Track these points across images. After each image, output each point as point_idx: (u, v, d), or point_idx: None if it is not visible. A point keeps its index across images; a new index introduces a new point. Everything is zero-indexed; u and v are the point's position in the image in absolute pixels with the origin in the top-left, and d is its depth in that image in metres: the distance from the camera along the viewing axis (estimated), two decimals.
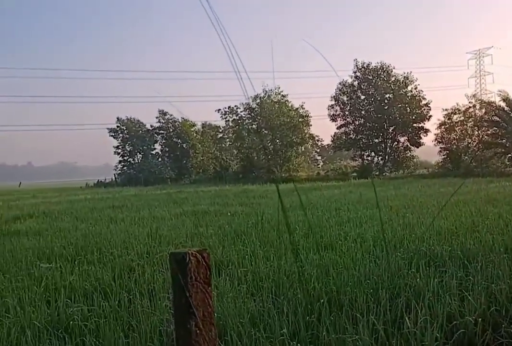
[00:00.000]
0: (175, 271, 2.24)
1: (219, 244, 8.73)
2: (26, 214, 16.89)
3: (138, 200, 22.64)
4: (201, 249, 2.30)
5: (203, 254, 2.28)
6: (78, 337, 4.44)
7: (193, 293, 2.21)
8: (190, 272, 2.21)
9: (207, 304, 2.24)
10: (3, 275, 6.99)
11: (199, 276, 2.24)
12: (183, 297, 2.20)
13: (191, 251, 2.25)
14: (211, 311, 2.25)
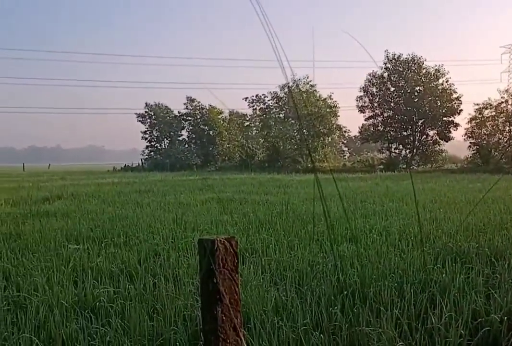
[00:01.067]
0: (203, 258, 2.26)
1: (244, 232, 8.77)
2: (55, 196, 17.20)
3: (164, 186, 22.84)
4: (230, 236, 2.31)
5: (231, 242, 2.30)
6: (104, 318, 4.53)
7: (221, 280, 2.23)
8: (218, 259, 2.23)
9: (233, 291, 2.26)
10: (32, 254, 7.15)
11: (226, 264, 2.26)
12: (211, 283, 2.22)
13: (220, 238, 2.27)
14: (238, 299, 2.27)
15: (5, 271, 6.17)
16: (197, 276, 5.80)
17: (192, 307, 4.66)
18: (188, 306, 4.70)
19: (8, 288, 5.48)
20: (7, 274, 6.10)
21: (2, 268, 6.29)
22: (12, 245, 7.92)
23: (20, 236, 8.76)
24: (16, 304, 4.90)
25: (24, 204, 14.78)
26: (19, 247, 7.77)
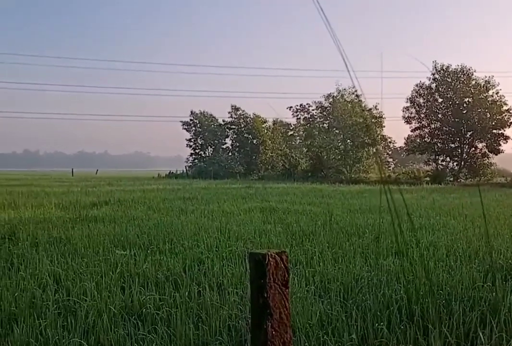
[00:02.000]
0: (254, 271, 2.28)
1: (287, 243, 8.76)
2: (102, 201, 17.60)
3: (208, 193, 23.05)
4: (280, 251, 2.33)
5: (282, 256, 2.31)
6: (151, 325, 4.60)
7: (271, 294, 2.24)
8: (268, 273, 2.25)
9: (284, 306, 2.27)
10: (81, 258, 7.34)
11: (277, 278, 2.27)
12: (261, 297, 2.23)
13: (271, 252, 2.29)
14: (288, 314, 2.28)
15: (55, 275, 6.35)
16: (241, 286, 5.83)
17: (237, 318, 4.68)
18: (233, 316, 4.72)
19: (59, 292, 5.64)
20: (58, 277, 6.28)
21: (53, 271, 6.48)
22: (62, 249, 8.15)
23: (70, 240, 9.00)
24: (66, 308, 5.04)
25: (73, 209, 15.19)
26: (69, 251, 7.99)
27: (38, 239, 9.09)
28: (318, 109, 53.52)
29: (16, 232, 9.84)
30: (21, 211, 14.43)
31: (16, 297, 5.27)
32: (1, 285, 5.81)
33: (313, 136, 52.42)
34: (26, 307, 4.93)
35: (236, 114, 61.48)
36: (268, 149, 59.40)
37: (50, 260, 7.20)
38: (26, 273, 6.39)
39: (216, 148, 62.25)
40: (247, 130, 60.59)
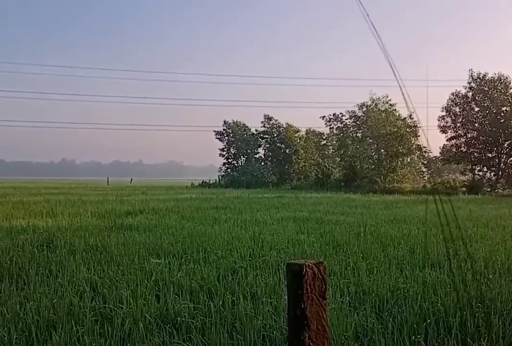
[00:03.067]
0: (291, 282, 2.28)
1: (321, 253, 8.70)
2: (137, 210, 17.84)
3: (241, 203, 23.11)
4: (318, 261, 2.32)
5: (320, 267, 2.30)
6: (185, 333, 4.63)
7: (308, 305, 2.23)
8: (306, 284, 2.24)
9: (321, 317, 2.25)
10: (117, 266, 7.44)
11: (314, 289, 2.26)
12: (298, 308, 2.22)
13: (308, 263, 2.28)
14: (325, 325, 2.26)
15: (92, 282, 6.46)
16: (275, 296, 5.82)
17: (271, 328, 4.67)
18: (267, 327, 4.71)
19: (95, 299, 5.73)
20: (94, 285, 6.38)
21: (89, 279, 6.59)
22: (99, 257, 8.28)
23: (106, 248, 9.14)
24: (102, 315, 5.11)
25: (108, 217, 15.43)
26: (105, 259, 8.11)
27: (75, 247, 9.26)
28: (352, 118, 53.16)
29: (54, 239, 10.04)
30: (59, 219, 14.74)
31: (55, 304, 5.38)
32: (40, 292, 5.94)
33: (346, 145, 52.11)
34: (64, 314, 5.02)
35: (269, 123, 61.66)
36: (301, 159, 59.28)
37: (87, 268, 7.32)
38: (64, 280, 6.52)
39: (249, 158, 62.45)
40: (279, 140, 60.64)
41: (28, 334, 4.55)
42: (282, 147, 60.68)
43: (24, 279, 6.74)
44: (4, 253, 8.46)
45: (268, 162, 62.01)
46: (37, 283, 6.43)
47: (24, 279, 6.74)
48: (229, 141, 62.83)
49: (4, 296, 5.76)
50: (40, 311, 5.14)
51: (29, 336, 4.52)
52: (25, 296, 5.84)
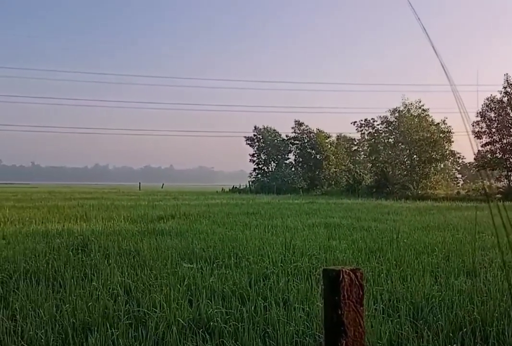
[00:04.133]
0: (328, 288, 2.27)
1: (353, 260, 8.63)
2: (168, 215, 18.01)
3: (271, 208, 23.10)
4: (355, 268, 2.30)
5: (357, 273, 2.28)
6: (218, 338, 4.64)
7: (345, 311, 2.21)
8: (343, 290, 2.22)
9: (358, 324, 2.23)
10: (150, 271, 7.51)
11: (351, 295, 2.24)
12: (335, 314, 2.21)
13: (345, 269, 2.26)
14: (362, 332, 2.24)
15: (126, 286, 6.54)
16: (307, 302, 5.79)
17: (304, 334, 4.64)
18: (300, 333, 4.68)
19: (129, 302, 5.80)
20: (128, 288, 6.45)
21: (123, 283, 6.67)
22: (132, 261, 8.37)
23: (139, 252, 9.25)
24: (136, 319, 5.17)
25: (141, 222, 15.62)
26: (138, 263, 8.20)
27: (109, 251, 9.39)
28: (383, 124, 52.75)
29: (89, 243, 10.21)
30: (93, 223, 14.99)
31: (90, 306, 5.46)
32: (76, 294, 6.04)
33: (378, 151, 51.70)
34: (99, 317, 5.09)
35: (299, 129, 61.65)
36: (332, 165, 59.03)
37: (121, 272, 7.42)
38: (99, 284, 6.61)
39: (279, 163, 62.49)
40: (310, 145, 60.54)
41: (64, 336, 4.62)
42: (313, 152, 60.55)
43: (60, 282, 6.86)
44: (40, 256, 8.64)
45: (298, 168, 61.94)
46: (73, 286, 6.54)
47: (60, 282, 6.86)
48: (260, 146, 63.01)
49: (41, 298, 5.88)
50: (76, 314, 5.23)
51: (65, 338, 4.60)
52: (61, 298, 5.94)
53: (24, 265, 7.75)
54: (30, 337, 4.57)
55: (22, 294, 6.06)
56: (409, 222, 16.12)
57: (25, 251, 9.15)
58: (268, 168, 63.45)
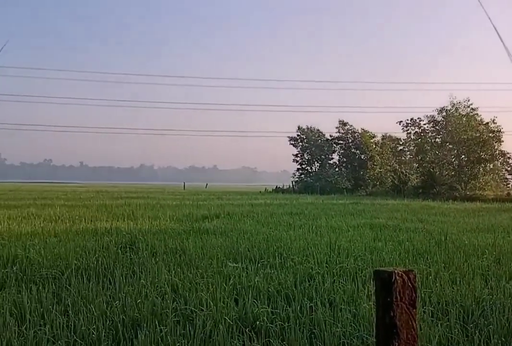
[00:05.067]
0: (380, 290, 2.24)
1: (400, 261, 8.49)
2: (213, 214, 18.17)
3: (315, 209, 22.98)
4: (408, 270, 2.27)
5: (410, 275, 2.25)
6: (264, 337, 4.66)
7: (398, 313, 2.18)
8: (395, 292, 2.20)
9: (411, 327, 2.20)
10: (196, 269, 7.60)
11: (404, 297, 2.21)
12: (387, 316, 2.18)
13: (398, 271, 2.23)
14: (415, 335, 2.21)
15: (173, 284, 6.63)
16: (353, 304, 5.74)
17: (351, 336, 4.61)
18: (347, 334, 4.65)
19: (177, 300, 5.88)
20: (175, 287, 6.55)
21: (170, 281, 6.77)
22: (178, 260, 8.49)
23: (185, 251, 9.37)
24: (184, 317, 5.24)
25: (186, 221, 15.82)
26: (184, 262, 8.32)
27: (155, 249, 9.56)
28: (430, 123, 51.61)
29: (136, 242, 10.42)
30: (139, 222, 15.27)
31: (139, 303, 5.57)
32: (125, 291, 6.17)
33: (424, 151, 50.62)
34: (148, 314, 5.19)
35: (343, 129, 61.04)
36: (377, 165, 58.17)
37: (168, 270, 7.53)
38: (146, 281, 6.74)
39: (323, 163, 62.04)
40: (354, 145, 59.85)
41: (115, 332, 4.74)
42: (357, 152, 59.84)
43: (109, 278, 7.03)
44: (90, 253, 8.87)
45: (342, 168, 61.31)
46: (122, 283, 6.69)
47: (109, 278, 7.03)
48: (303, 146, 62.70)
49: (92, 294, 6.04)
50: (125, 310, 5.35)
51: (116, 334, 4.71)
52: (111, 295, 6.09)
53: (75, 262, 7.98)
54: (82, 332, 4.71)
55: (74, 290, 6.24)
56: (457, 223, 15.75)
57: (75, 248, 9.41)
58: (312, 168, 63.09)
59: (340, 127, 61.12)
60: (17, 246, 9.49)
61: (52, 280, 6.96)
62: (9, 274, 7.15)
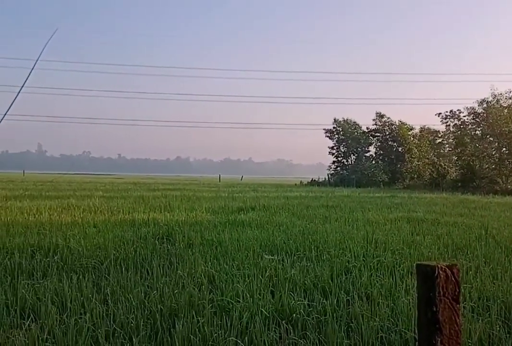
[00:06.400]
0: (422, 284, 2.19)
1: (439, 256, 8.34)
2: (248, 206, 18.20)
3: (351, 202, 22.78)
4: (451, 264, 2.21)
5: (453, 270, 2.20)
6: (301, 330, 4.64)
7: (440, 308, 2.13)
8: (438, 286, 2.14)
9: (454, 322, 2.15)
10: (232, 261, 7.64)
11: (447, 292, 2.16)
12: (430, 311, 2.14)
13: (441, 265, 2.18)
14: (458, 330, 2.15)
15: (209, 275, 6.68)
16: (391, 298, 5.67)
17: (389, 330, 4.55)
18: (385, 329, 4.59)
19: (213, 291, 5.92)
20: (211, 278, 6.59)
21: (207, 272, 6.82)
22: (214, 251, 8.54)
23: (221, 243, 9.41)
24: (220, 308, 5.27)
25: (221, 213, 15.89)
26: (221, 253, 8.36)
27: (192, 241, 9.63)
28: (470, 115, 50.45)
29: (173, 233, 10.52)
30: (176, 213, 15.42)
31: (176, 294, 5.63)
32: (162, 282, 6.25)
33: (464, 144, 49.53)
34: (185, 304, 5.24)
35: (380, 121, 60.26)
36: (414, 158, 57.24)
37: (204, 261, 7.59)
38: (183, 272, 6.80)
39: (359, 156, 61.44)
40: (392, 138, 59.04)
41: (153, 322, 4.80)
42: (395, 145, 59.03)
43: (147, 269, 7.13)
44: (128, 244, 9.01)
45: (379, 161, 60.55)
46: (159, 273, 6.77)
47: (147, 269, 7.13)
48: (339, 139, 62.21)
49: (130, 284, 6.13)
50: (163, 300, 5.41)
51: (154, 323, 4.77)
52: (149, 285, 6.17)
53: (114, 252, 8.12)
54: (121, 321, 4.78)
55: (113, 280, 6.35)
56: (498, 218, 15.36)
57: (114, 239, 9.57)
58: (348, 161, 62.57)
59: (377, 119, 60.39)
60: (58, 236, 9.71)
61: (92, 269, 7.10)
62: (51, 263, 7.32)
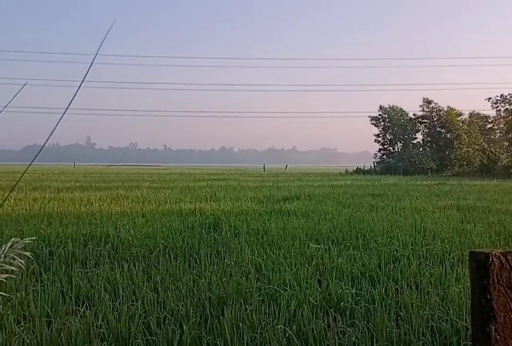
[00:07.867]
0: (476, 271, 2.14)
1: (491, 244, 8.13)
2: (293, 196, 18.19)
3: (398, 190, 22.43)
4: (506, 251, 2.15)
5: (508, 257, 2.13)
6: (349, 319, 4.62)
7: (495, 296, 2.08)
8: (492, 274, 2.09)
9: (509, 310, 2.09)
10: (279, 250, 7.67)
11: (501, 279, 2.10)
12: (483, 299, 2.09)
13: (495, 252, 2.12)
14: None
15: (256, 264, 6.73)
16: (441, 287, 5.57)
17: (439, 319, 4.47)
18: (435, 318, 4.52)
19: (260, 280, 5.96)
20: (258, 266, 6.64)
21: (253, 261, 6.87)
22: (261, 240, 8.59)
23: (267, 232, 9.45)
24: (268, 296, 5.30)
25: (267, 202, 15.94)
26: (267, 242, 8.40)
27: (238, 230, 9.71)
28: None
29: (219, 222, 10.63)
30: (222, 203, 15.56)
31: (224, 282, 5.70)
32: (210, 270, 6.34)
33: None
34: (233, 292, 5.30)
35: (428, 107, 58.88)
36: (464, 144, 55.77)
37: (251, 250, 7.64)
38: (230, 261, 6.88)
39: (406, 143, 60.27)
40: (440, 124, 57.65)
41: (202, 309, 4.88)
42: (443, 131, 57.63)
43: (195, 258, 7.24)
44: (176, 233, 9.16)
45: (426, 148, 59.30)
46: (207, 262, 6.87)
47: (195, 258, 7.24)
48: (385, 126, 61.16)
49: (179, 272, 6.24)
50: (211, 288, 5.49)
51: (203, 311, 4.85)
52: (197, 273, 6.27)
53: (162, 241, 8.28)
54: (171, 308, 4.88)
55: (162, 268, 6.49)
56: None
57: (162, 228, 9.75)
58: (394, 148, 61.49)
59: (425, 106, 59.04)
60: (108, 225, 9.96)
61: (142, 258, 7.26)
62: (103, 252, 7.53)
